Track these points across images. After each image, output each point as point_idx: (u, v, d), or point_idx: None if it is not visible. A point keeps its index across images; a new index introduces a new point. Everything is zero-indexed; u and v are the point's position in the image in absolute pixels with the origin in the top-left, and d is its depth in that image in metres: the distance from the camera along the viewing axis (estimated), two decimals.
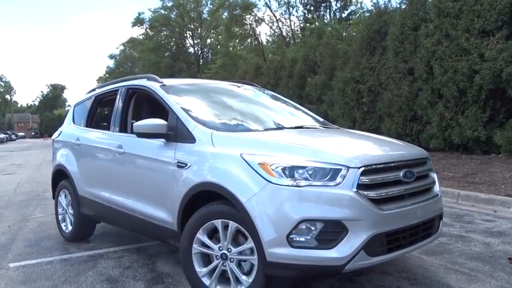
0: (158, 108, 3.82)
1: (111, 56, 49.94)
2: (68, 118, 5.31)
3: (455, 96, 9.55)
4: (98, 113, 4.91)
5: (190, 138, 3.27)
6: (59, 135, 5.32)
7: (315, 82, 15.57)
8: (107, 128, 4.36)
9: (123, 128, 4.19)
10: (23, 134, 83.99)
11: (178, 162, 3.27)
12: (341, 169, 2.68)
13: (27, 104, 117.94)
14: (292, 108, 4.41)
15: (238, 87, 4.52)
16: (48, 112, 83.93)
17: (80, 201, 4.63)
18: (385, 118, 11.80)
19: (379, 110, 12.15)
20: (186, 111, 3.46)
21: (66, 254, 4.45)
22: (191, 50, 35.98)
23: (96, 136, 4.48)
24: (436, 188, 3.28)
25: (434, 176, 3.34)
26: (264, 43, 27.49)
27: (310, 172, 2.68)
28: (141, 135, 3.45)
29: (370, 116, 12.66)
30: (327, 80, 15.02)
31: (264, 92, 4.65)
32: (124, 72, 42.48)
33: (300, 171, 2.69)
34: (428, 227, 3.15)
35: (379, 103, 12.18)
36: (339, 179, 2.65)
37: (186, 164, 3.20)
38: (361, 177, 2.68)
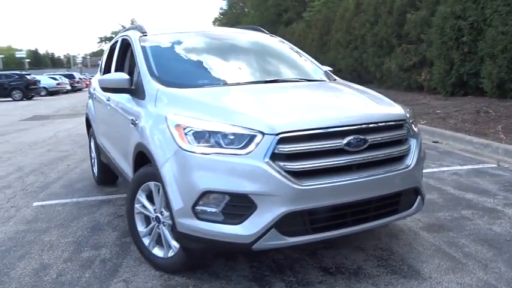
0: None
1: None
2: (99, 67, 5.49)
3: None
4: (110, 63, 4.95)
5: (143, 94, 3.13)
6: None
7: (415, 19, 13.91)
8: None
9: None
10: None
11: (132, 119, 3.18)
12: (255, 135, 2.33)
13: None
14: (288, 59, 3.94)
15: (241, 34, 4.16)
16: None
17: (98, 149, 4.86)
18: (487, 60, 10.18)
19: (481, 51, 10.49)
20: (149, 65, 3.29)
21: (84, 197, 4.78)
22: None
23: None
24: (411, 157, 2.71)
25: (413, 142, 2.76)
26: None
27: (223, 138, 2.39)
28: (106, 90, 3.40)
29: (470, 58, 11.02)
30: (428, 16, 13.31)
31: (268, 40, 4.19)
32: (235, 14, 42.85)
33: (213, 136, 2.41)
34: (391, 204, 2.66)
35: (481, 42, 10.51)
36: (251, 147, 2.32)
37: (135, 122, 3.09)
38: (278, 146, 2.31)
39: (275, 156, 2.31)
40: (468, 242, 3.18)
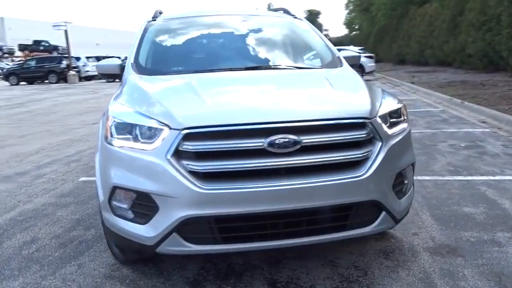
0: None
1: None
2: None
3: None
4: None
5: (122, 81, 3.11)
6: None
7: None
8: None
9: None
10: None
11: None
12: (162, 129, 2.13)
13: None
14: (296, 44, 3.55)
15: (256, 17, 3.88)
16: None
17: None
18: None
19: None
20: (138, 50, 3.26)
21: None
22: None
23: None
24: (368, 164, 2.21)
25: (377, 146, 2.25)
26: None
27: (141, 131, 2.24)
28: (102, 75, 3.47)
29: None
30: None
31: (282, 23, 3.81)
32: None
33: (134, 129, 2.27)
34: (335, 218, 2.22)
35: None
36: (157, 143, 2.14)
37: None
38: (183, 142, 2.07)
39: (180, 154, 2.08)
40: (473, 273, 2.53)
